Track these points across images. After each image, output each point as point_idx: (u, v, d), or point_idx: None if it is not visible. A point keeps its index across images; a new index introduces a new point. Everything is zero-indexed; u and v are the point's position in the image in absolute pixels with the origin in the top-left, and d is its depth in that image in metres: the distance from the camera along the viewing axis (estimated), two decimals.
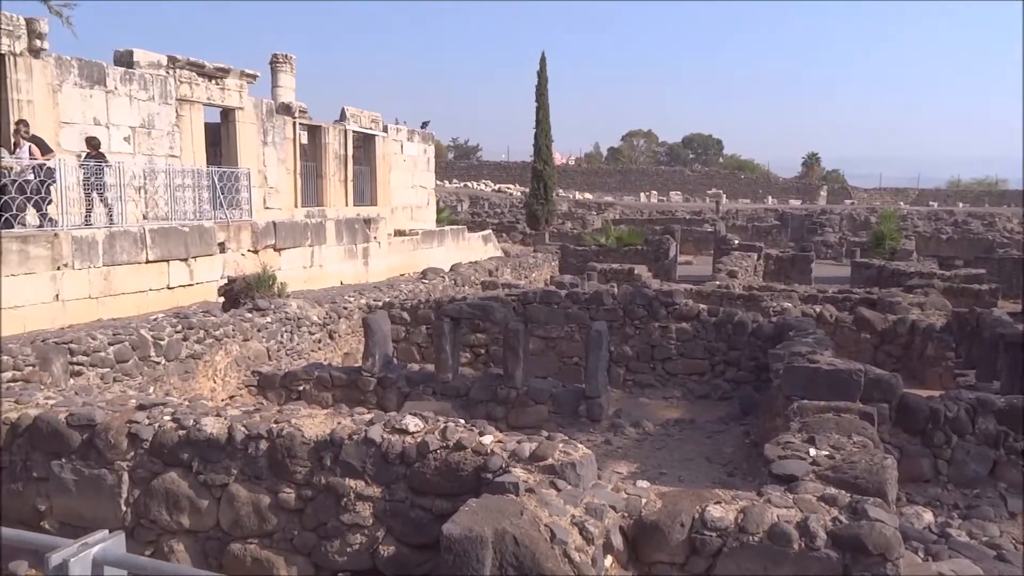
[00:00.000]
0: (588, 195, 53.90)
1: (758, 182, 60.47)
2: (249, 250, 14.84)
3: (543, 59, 30.34)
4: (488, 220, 35.99)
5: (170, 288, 12.88)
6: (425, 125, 26.44)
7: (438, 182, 35.75)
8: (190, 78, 16.23)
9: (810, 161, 66.53)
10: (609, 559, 3.80)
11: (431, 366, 9.90)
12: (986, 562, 5.13)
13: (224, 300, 12.26)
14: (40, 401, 5.39)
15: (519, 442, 4.45)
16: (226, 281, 13.31)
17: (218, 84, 16.88)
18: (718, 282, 16.44)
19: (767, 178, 61.97)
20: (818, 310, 12.36)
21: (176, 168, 15.35)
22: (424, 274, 16.55)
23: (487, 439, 4.49)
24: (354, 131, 21.50)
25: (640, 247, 24.14)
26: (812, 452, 4.80)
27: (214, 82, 16.80)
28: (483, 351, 11.93)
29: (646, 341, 10.95)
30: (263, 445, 4.66)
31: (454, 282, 16.34)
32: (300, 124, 19.64)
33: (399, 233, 21.82)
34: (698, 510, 3.86)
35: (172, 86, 15.73)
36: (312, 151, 20.49)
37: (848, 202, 53.40)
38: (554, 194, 33.56)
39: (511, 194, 50.49)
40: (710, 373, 10.63)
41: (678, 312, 10.94)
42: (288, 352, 10.85)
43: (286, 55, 22.24)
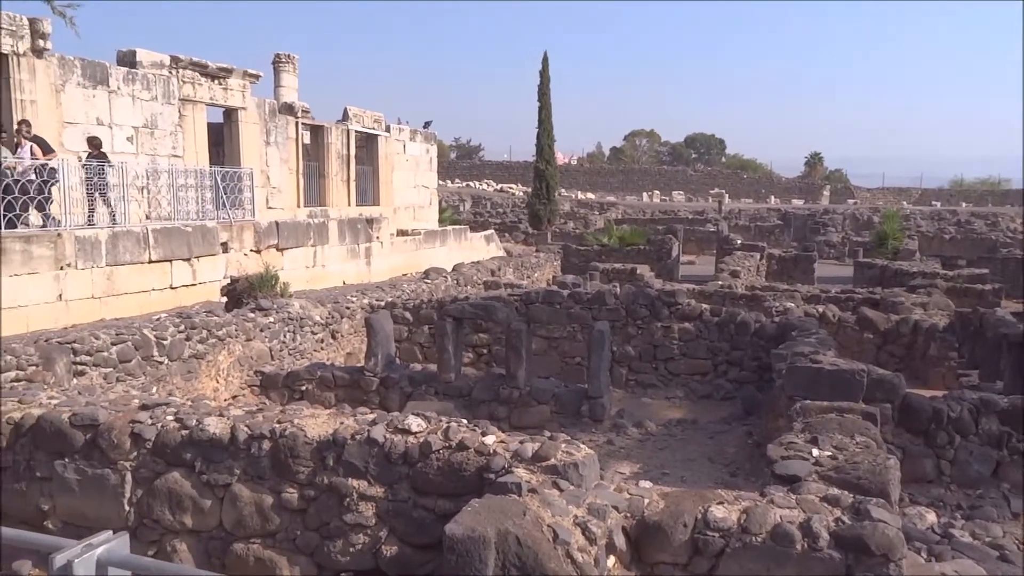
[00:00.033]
0: (590, 195, 53.88)
1: (761, 182, 60.42)
2: (252, 250, 14.85)
3: (545, 59, 30.35)
4: (490, 220, 35.99)
5: (173, 288, 12.90)
6: (427, 125, 26.47)
7: (440, 182, 35.75)
8: (193, 78, 16.25)
9: (813, 161, 66.40)
10: (612, 559, 3.80)
11: (433, 366, 9.90)
12: (989, 563, 5.12)
13: (227, 300, 12.29)
14: (43, 401, 5.40)
15: (522, 442, 4.45)
16: (229, 281, 13.34)
17: (221, 84, 16.90)
18: (721, 282, 16.43)
19: (770, 178, 61.92)
20: (821, 310, 12.35)
21: (179, 168, 15.38)
22: (426, 274, 16.56)
23: (490, 439, 4.49)
24: (357, 131, 21.51)
25: (642, 247, 24.14)
26: (815, 452, 4.80)
27: (217, 82, 16.82)
28: (486, 351, 11.94)
29: (648, 341, 10.95)
30: (266, 445, 4.66)
31: (456, 282, 16.35)
32: (303, 124, 19.66)
33: (402, 233, 21.83)
34: (701, 510, 3.86)
35: (175, 86, 15.75)
36: (315, 151, 20.51)
37: (851, 202, 53.34)
38: (556, 194, 33.57)
39: (513, 194, 50.49)
40: (712, 373, 10.63)
41: (681, 312, 10.94)
42: (291, 352, 10.87)
43: (289, 55, 22.28)
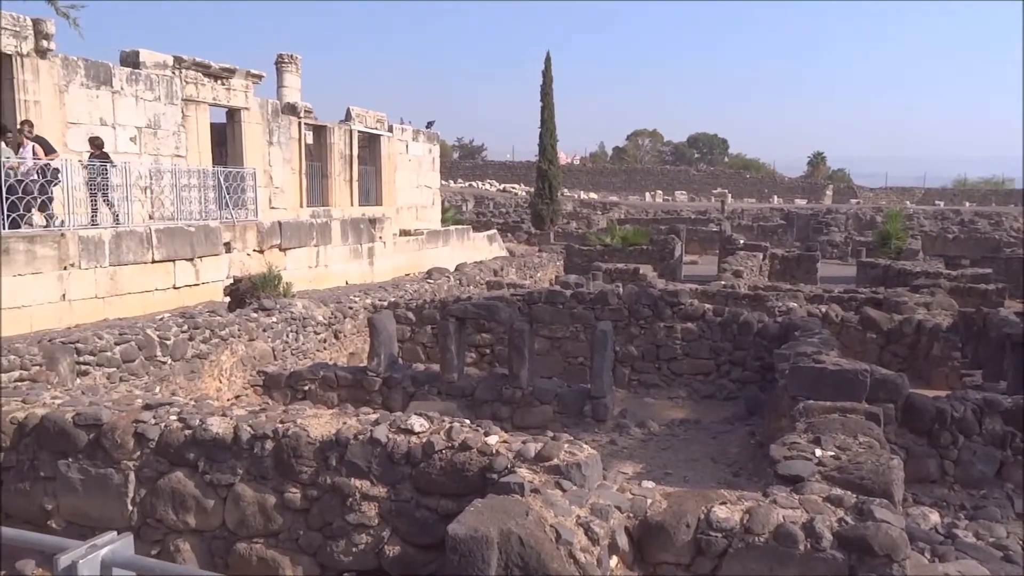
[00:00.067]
0: (593, 195, 53.85)
1: (763, 181, 60.31)
2: (255, 250, 14.87)
3: (548, 59, 30.31)
4: (493, 220, 35.98)
5: (176, 288, 12.92)
6: (430, 125, 26.52)
7: (443, 182, 35.75)
8: (196, 78, 16.27)
9: (816, 160, 66.24)
10: (615, 560, 3.80)
11: (436, 366, 9.90)
12: (993, 563, 5.10)
13: (230, 300, 12.30)
14: (47, 401, 5.42)
15: (524, 442, 4.45)
16: (232, 281, 13.35)
17: (224, 84, 16.92)
18: (723, 282, 16.42)
19: (772, 177, 61.80)
20: (824, 310, 12.33)
21: (182, 168, 15.39)
22: (429, 274, 16.57)
23: (492, 439, 4.49)
24: (359, 131, 21.52)
25: (645, 247, 24.13)
26: (818, 452, 4.79)
27: (220, 82, 16.84)
28: (488, 351, 11.94)
29: (651, 341, 10.94)
30: (269, 445, 4.67)
31: (459, 282, 16.35)
32: (305, 124, 19.67)
33: (404, 233, 21.84)
34: (704, 511, 3.86)
35: (178, 86, 15.77)
36: (317, 151, 20.52)
37: (854, 201, 53.24)
38: (559, 194, 33.56)
39: (516, 194, 50.45)
40: (715, 373, 10.62)
41: (683, 312, 10.93)
42: (293, 352, 10.88)
43: (291, 55, 22.27)
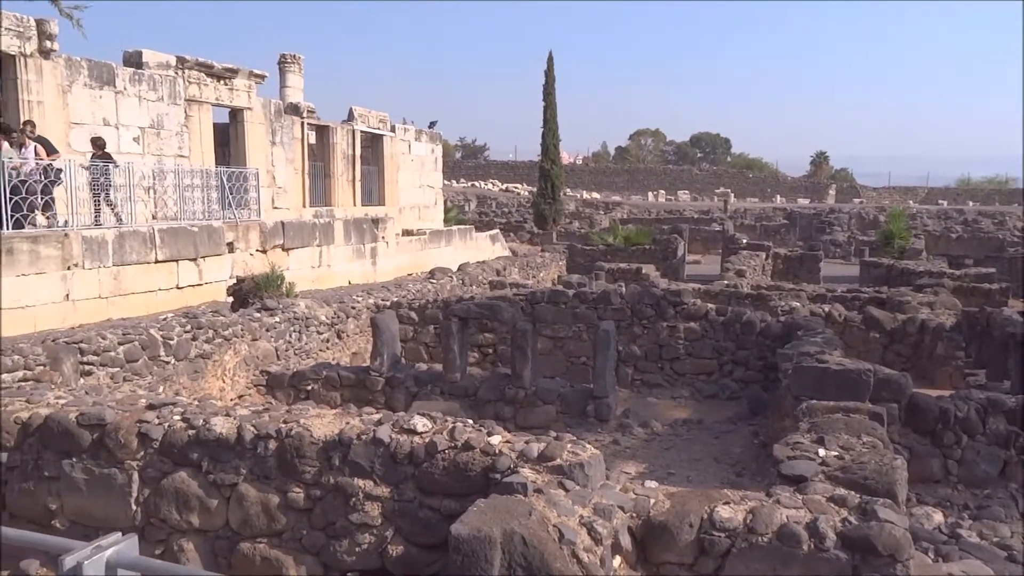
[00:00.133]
0: (596, 194, 53.83)
1: (766, 181, 60.24)
2: (258, 250, 14.88)
3: (550, 58, 30.30)
4: (495, 220, 35.98)
5: (179, 288, 12.93)
6: (433, 125, 26.50)
7: (445, 182, 35.79)
8: (199, 78, 16.29)
9: (818, 160, 66.14)
10: (618, 559, 3.80)
11: (439, 366, 9.91)
12: (997, 563, 5.09)
13: (233, 300, 12.32)
14: (51, 401, 5.43)
15: (527, 442, 4.45)
16: (235, 281, 13.37)
17: (227, 84, 16.94)
18: (726, 281, 16.41)
19: (775, 177, 61.72)
20: (827, 309, 12.31)
21: (185, 168, 15.42)
22: (432, 274, 16.58)
23: (495, 439, 4.49)
24: (362, 131, 21.53)
25: (648, 246, 24.12)
26: (821, 452, 4.79)
27: (223, 82, 16.85)
28: (491, 351, 11.94)
29: (654, 341, 10.94)
30: (272, 445, 4.67)
31: (462, 282, 16.36)
32: (308, 124, 19.69)
33: (407, 233, 21.85)
34: (707, 510, 3.86)
35: (181, 87, 15.79)
36: (320, 151, 20.54)
37: (857, 201, 53.16)
38: (561, 193, 33.56)
39: (518, 193, 50.45)
40: (718, 373, 10.62)
41: (686, 312, 10.93)
42: (296, 352, 10.89)
43: (294, 55, 22.28)
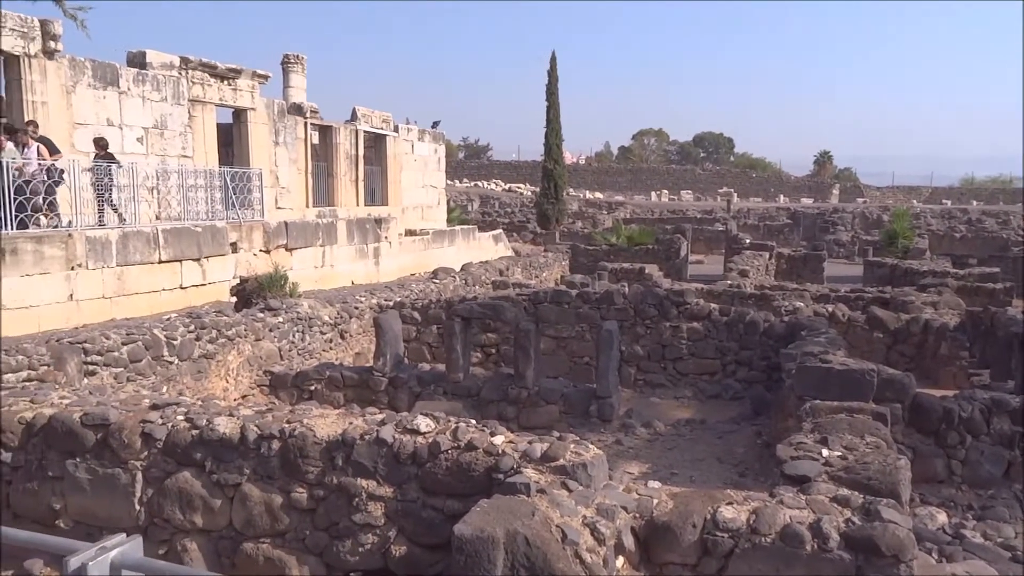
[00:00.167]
0: (599, 194, 53.84)
1: (770, 181, 60.20)
2: (261, 250, 14.90)
3: (553, 58, 30.33)
4: (499, 220, 35.98)
5: (183, 288, 12.95)
6: (436, 125, 26.50)
7: (448, 182, 35.80)
8: (202, 79, 16.31)
9: (822, 159, 66.05)
10: (621, 560, 3.80)
11: (442, 366, 9.91)
12: (1001, 563, 5.09)
13: (236, 300, 12.35)
14: (55, 400, 5.44)
15: (530, 442, 4.45)
16: (238, 281, 13.40)
17: (230, 85, 16.96)
18: (729, 281, 16.39)
19: (779, 177, 61.67)
20: (830, 309, 12.29)
21: (188, 168, 15.44)
22: (435, 274, 16.59)
23: (498, 439, 4.49)
24: (365, 131, 21.54)
25: (651, 246, 24.11)
26: (825, 453, 4.78)
27: (226, 83, 16.87)
28: (494, 351, 11.95)
29: (657, 341, 10.93)
30: (275, 445, 4.68)
31: (465, 282, 16.36)
32: (311, 124, 19.70)
33: (410, 233, 21.86)
34: (710, 511, 3.86)
35: (184, 87, 15.81)
36: (323, 151, 20.55)
37: (860, 200, 53.08)
38: (565, 193, 33.57)
39: (521, 193, 50.49)
40: (721, 373, 10.61)
41: (689, 312, 10.92)
42: (300, 352, 10.91)
43: (297, 55, 22.31)
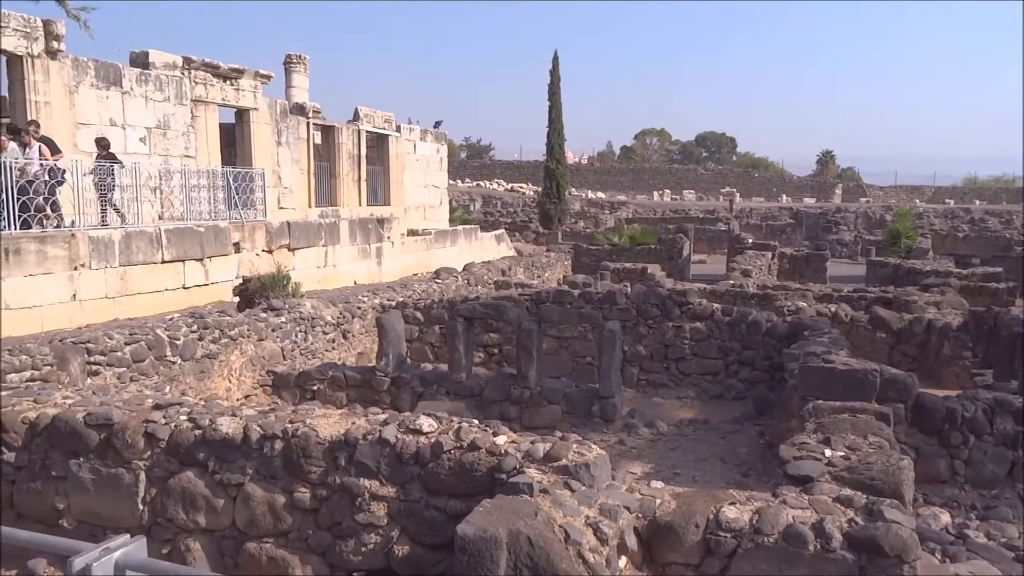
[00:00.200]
0: (601, 194, 53.82)
1: (772, 180, 60.16)
2: (263, 250, 14.91)
3: (556, 58, 30.30)
4: (501, 219, 35.98)
5: (186, 288, 12.96)
6: (438, 125, 26.49)
7: (451, 181, 35.79)
8: (205, 79, 16.33)
9: (825, 159, 65.96)
10: (623, 560, 3.80)
11: (444, 366, 9.92)
12: (1004, 563, 5.08)
13: (239, 300, 12.37)
14: (58, 400, 5.45)
15: (533, 442, 4.45)
16: (241, 281, 13.41)
17: (233, 85, 16.97)
18: (732, 281, 16.38)
19: (781, 176, 61.64)
20: (833, 309, 12.28)
21: (191, 168, 15.45)
22: (437, 274, 16.59)
23: (501, 439, 4.49)
24: (367, 131, 21.55)
25: (653, 246, 24.09)
26: (827, 453, 4.77)
27: (229, 83, 16.89)
28: (496, 351, 11.95)
29: (660, 341, 10.93)
30: (278, 445, 4.69)
31: (467, 282, 16.36)
32: (314, 124, 19.71)
33: (412, 233, 21.86)
34: (713, 511, 3.85)
35: (187, 87, 15.83)
36: (326, 151, 20.56)
37: (863, 200, 53.04)
38: (567, 193, 33.54)
39: (524, 193, 50.49)
40: (724, 373, 10.60)
41: (692, 311, 10.91)
42: (302, 352, 10.92)
43: (300, 55, 22.33)
